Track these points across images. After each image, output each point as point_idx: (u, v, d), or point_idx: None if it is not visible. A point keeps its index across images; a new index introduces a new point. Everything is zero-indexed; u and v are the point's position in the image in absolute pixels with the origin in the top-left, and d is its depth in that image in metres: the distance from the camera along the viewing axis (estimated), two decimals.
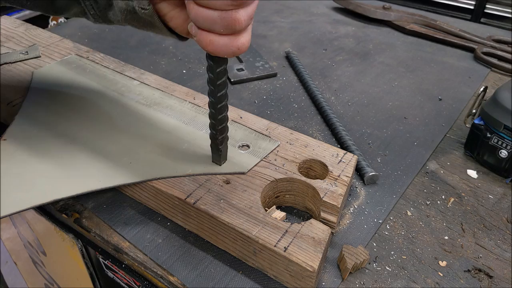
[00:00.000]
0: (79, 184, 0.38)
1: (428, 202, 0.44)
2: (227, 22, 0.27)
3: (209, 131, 0.38)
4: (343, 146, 0.49)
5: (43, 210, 0.45)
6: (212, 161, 0.40)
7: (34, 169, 0.39)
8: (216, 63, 0.32)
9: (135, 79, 0.54)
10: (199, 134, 0.44)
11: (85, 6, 0.35)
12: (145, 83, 0.53)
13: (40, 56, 0.59)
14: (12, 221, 0.70)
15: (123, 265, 0.39)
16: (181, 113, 0.48)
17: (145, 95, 0.51)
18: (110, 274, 0.48)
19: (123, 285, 0.47)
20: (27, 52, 0.59)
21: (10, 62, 0.57)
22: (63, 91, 0.51)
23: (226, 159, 0.40)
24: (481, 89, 0.52)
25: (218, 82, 0.33)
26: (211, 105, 0.35)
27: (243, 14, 0.27)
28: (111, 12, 0.34)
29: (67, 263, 0.59)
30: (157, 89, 0.52)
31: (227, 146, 0.39)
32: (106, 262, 0.47)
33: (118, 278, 0.47)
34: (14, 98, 0.50)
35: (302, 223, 0.34)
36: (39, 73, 0.55)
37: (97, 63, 0.57)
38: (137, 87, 0.52)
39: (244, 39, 0.29)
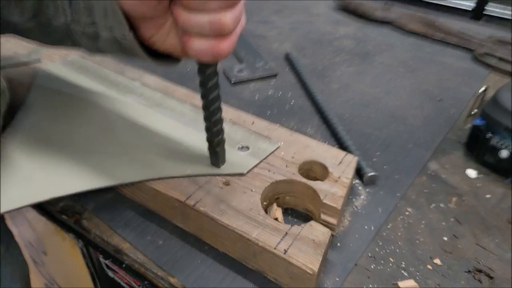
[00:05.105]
0: (77, 183, 0.38)
1: (428, 203, 0.44)
2: (215, 26, 0.27)
3: (206, 132, 0.38)
4: (342, 146, 0.49)
5: (44, 210, 0.45)
6: (211, 164, 0.40)
7: (33, 167, 0.40)
8: (205, 64, 0.32)
9: (136, 81, 0.54)
10: (199, 135, 0.44)
11: (75, 39, 0.35)
12: (146, 85, 0.53)
13: (40, 61, 0.59)
14: (12, 220, 0.70)
15: (124, 265, 0.39)
16: (182, 115, 0.48)
17: (146, 96, 0.51)
18: (110, 274, 0.48)
19: (124, 285, 0.47)
20: (28, 55, 0.59)
21: (10, 65, 0.57)
22: (65, 91, 0.51)
23: (224, 161, 0.40)
24: (482, 89, 0.52)
25: (209, 85, 0.33)
26: (204, 107, 0.35)
27: (230, 17, 0.27)
28: (101, 43, 0.33)
29: (67, 263, 0.59)
30: (158, 90, 0.52)
31: (225, 148, 0.39)
32: (106, 262, 0.47)
33: (119, 278, 0.47)
34: (13, 99, 0.50)
35: (302, 225, 0.34)
36: (42, 73, 0.55)
37: (99, 64, 0.58)
38: (139, 89, 0.53)
39: (227, 43, 0.29)
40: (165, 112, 0.48)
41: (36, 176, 0.39)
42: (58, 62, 0.58)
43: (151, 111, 0.48)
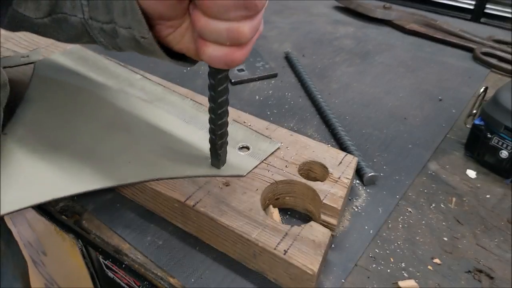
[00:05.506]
0: (77, 184, 0.38)
1: (428, 203, 0.44)
2: (232, 35, 0.27)
3: (209, 134, 0.38)
4: (342, 146, 0.49)
5: (43, 210, 0.45)
6: (211, 165, 0.40)
7: (32, 167, 0.40)
8: (217, 69, 0.32)
9: (137, 73, 0.54)
10: (200, 133, 0.44)
11: (93, 35, 0.35)
12: (147, 78, 0.53)
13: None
14: (12, 220, 0.70)
15: (124, 266, 0.39)
16: (183, 111, 0.48)
17: (147, 90, 0.51)
18: (110, 274, 0.48)
19: (123, 285, 0.47)
20: (28, 56, 0.59)
21: (10, 66, 0.57)
22: (64, 85, 0.51)
23: (225, 163, 0.40)
24: (482, 89, 0.52)
25: (219, 88, 0.33)
26: (211, 110, 0.35)
27: (248, 27, 0.27)
28: (119, 40, 0.34)
29: (67, 263, 0.59)
30: (159, 84, 0.52)
31: (226, 150, 0.39)
32: (106, 262, 0.47)
33: (118, 278, 0.47)
34: (14, 97, 0.50)
35: (302, 225, 0.34)
36: (41, 64, 0.55)
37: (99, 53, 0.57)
38: (139, 82, 0.52)
39: (242, 52, 0.29)
40: (166, 107, 0.48)
41: (35, 177, 0.38)
42: (58, 52, 0.58)
43: (152, 106, 0.48)
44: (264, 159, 0.41)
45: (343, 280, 0.35)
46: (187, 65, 0.35)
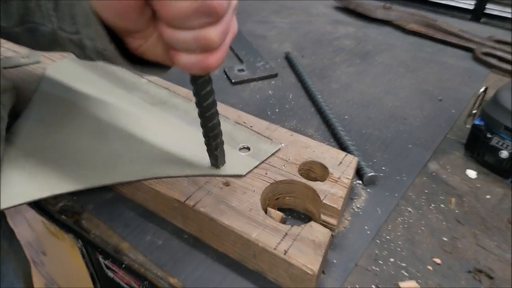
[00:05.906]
0: (77, 181, 0.38)
1: (428, 203, 0.44)
2: (200, 42, 0.27)
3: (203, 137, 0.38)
4: (342, 146, 0.49)
5: (43, 210, 0.45)
6: (211, 165, 0.40)
7: (33, 163, 0.40)
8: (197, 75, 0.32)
9: (143, 77, 0.54)
10: (201, 134, 0.44)
11: (64, 45, 0.34)
12: (152, 82, 0.54)
13: (40, 62, 0.59)
14: (12, 220, 0.70)
15: (123, 265, 0.39)
16: (186, 113, 0.48)
17: (151, 93, 0.51)
18: (110, 274, 0.48)
19: (123, 285, 0.47)
20: (27, 56, 0.59)
21: (10, 67, 0.57)
22: (72, 87, 0.52)
23: (224, 163, 0.40)
24: (482, 89, 0.52)
25: (203, 92, 0.33)
26: (199, 114, 0.35)
27: (215, 33, 0.27)
28: (87, 51, 0.33)
29: (67, 263, 0.59)
30: (164, 87, 0.53)
31: (224, 150, 0.39)
32: (106, 262, 0.47)
33: (118, 278, 0.47)
34: (17, 98, 0.50)
35: (302, 225, 0.34)
36: (51, 69, 0.56)
37: None
38: (145, 85, 0.53)
39: (215, 57, 0.28)
40: (169, 110, 0.48)
41: (37, 174, 0.39)
42: (68, 58, 0.59)
43: (155, 109, 0.48)
44: (265, 160, 0.41)
45: (343, 280, 0.35)
46: (161, 73, 0.34)
